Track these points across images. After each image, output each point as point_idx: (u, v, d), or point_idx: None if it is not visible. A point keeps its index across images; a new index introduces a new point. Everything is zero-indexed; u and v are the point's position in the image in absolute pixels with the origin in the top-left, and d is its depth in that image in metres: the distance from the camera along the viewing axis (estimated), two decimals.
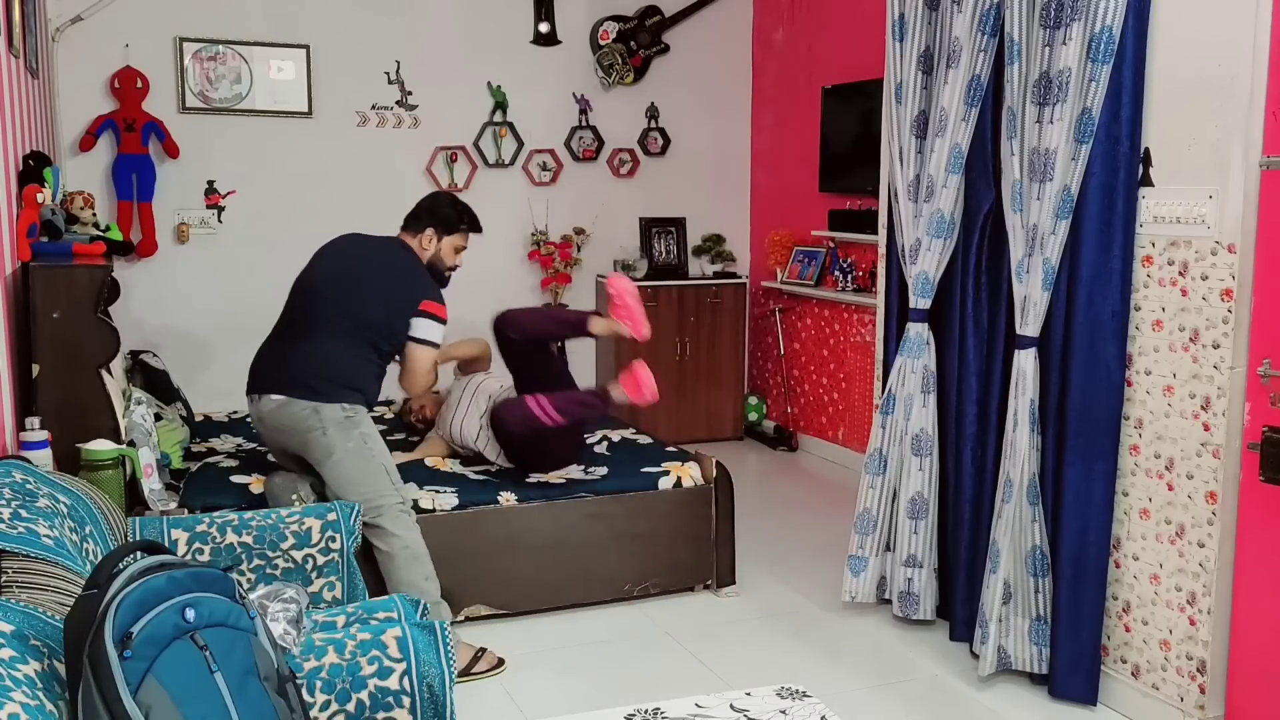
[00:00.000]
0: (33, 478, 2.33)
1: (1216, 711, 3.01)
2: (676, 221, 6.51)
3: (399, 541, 3.38)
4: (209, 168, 5.59)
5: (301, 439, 3.43)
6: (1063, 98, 3.09)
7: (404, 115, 5.94)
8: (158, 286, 5.52)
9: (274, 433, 3.54)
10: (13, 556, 1.96)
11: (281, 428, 3.47)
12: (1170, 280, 3.02)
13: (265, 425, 3.54)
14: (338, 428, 3.40)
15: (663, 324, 6.26)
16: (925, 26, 3.62)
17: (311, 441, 3.41)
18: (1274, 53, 2.76)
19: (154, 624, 1.59)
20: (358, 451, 3.40)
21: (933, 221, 3.56)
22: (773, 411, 6.62)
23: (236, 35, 5.56)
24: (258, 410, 3.53)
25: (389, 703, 2.05)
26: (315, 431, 3.39)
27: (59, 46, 5.24)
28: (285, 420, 3.44)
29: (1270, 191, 2.81)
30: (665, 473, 4.06)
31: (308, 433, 3.41)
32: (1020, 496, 3.29)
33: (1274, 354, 2.81)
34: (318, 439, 3.39)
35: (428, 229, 3.67)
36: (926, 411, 3.68)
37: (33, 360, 3.15)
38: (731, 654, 3.64)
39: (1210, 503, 2.95)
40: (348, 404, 3.43)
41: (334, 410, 3.40)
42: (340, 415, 3.41)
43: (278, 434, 3.52)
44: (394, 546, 3.37)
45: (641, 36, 6.37)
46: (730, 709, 1.85)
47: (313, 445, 3.41)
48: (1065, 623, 3.24)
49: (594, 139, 6.38)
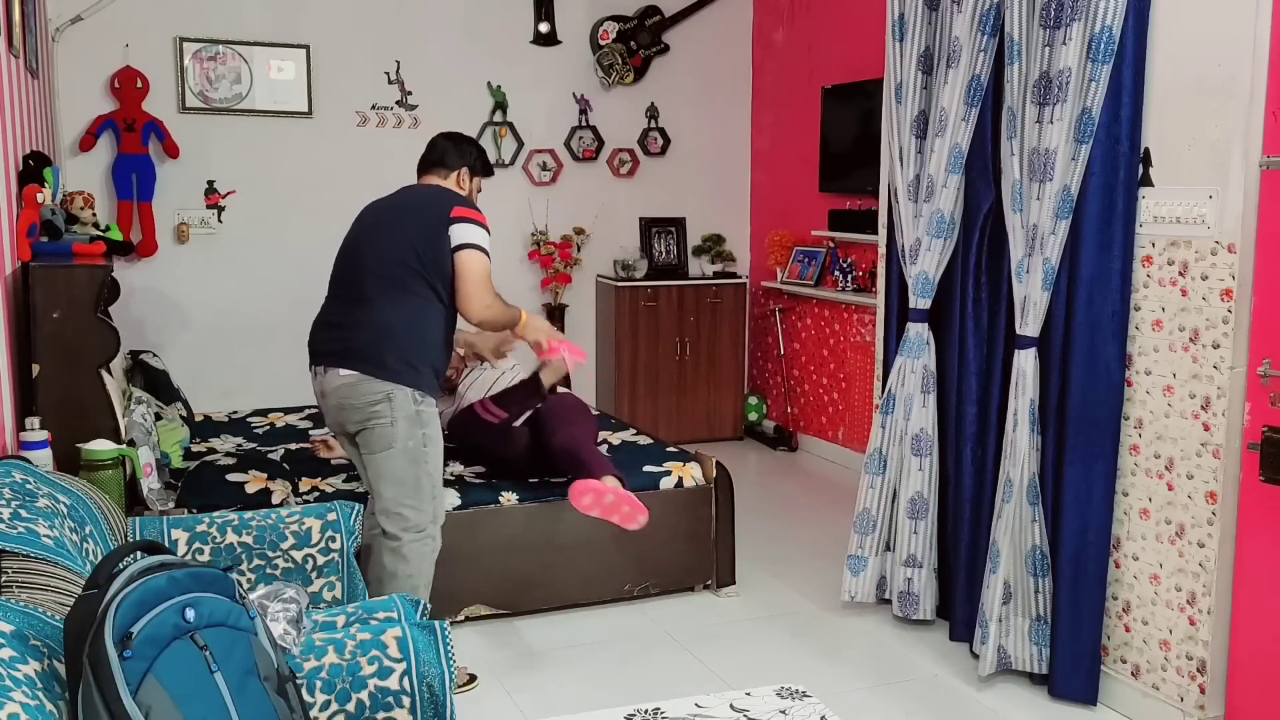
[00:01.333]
0: (33, 478, 2.33)
1: (1216, 711, 3.01)
2: (676, 221, 6.51)
3: (406, 569, 3.20)
4: (209, 168, 5.60)
5: (363, 420, 3.19)
6: (1063, 98, 3.09)
7: (404, 115, 5.94)
8: (158, 286, 5.52)
9: (335, 410, 3.28)
10: (13, 556, 1.96)
11: (345, 405, 3.22)
12: (1170, 280, 3.02)
13: (328, 400, 3.30)
14: (406, 421, 3.17)
15: (663, 324, 6.27)
16: (925, 26, 3.62)
17: (375, 427, 3.17)
18: (1274, 53, 2.76)
19: (154, 624, 1.59)
20: (414, 454, 3.20)
21: (933, 221, 3.56)
22: (773, 411, 6.62)
23: (236, 35, 5.56)
24: (321, 385, 3.28)
25: (389, 703, 2.05)
26: (383, 420, 3.16)
27: (59, 46, 5.24)
28: (352, 398, 3.19)
29: (1270, 191, 2.81)
30: (666, 473, 4.06)
31: (374, 418, 3.17)
32: (1020, 496, 3.29)
33: (1274, 354, 2.81)
34: (383, 428, 3.17)
35: (461, 169, 3.44)
36: (926, 411, 3.68)
37: (33, 360, 3.15)
38: (731, 654, 3.64)
39: (1210, 503, 2.95)
40: (420, 391, 3.19)
41: (406, 400, 3.16)
42: (412, 408, 3.17)
43: (338, 411, 3.27)
44: (399, 571, 3.19)
45: (641, 36, 6.37)
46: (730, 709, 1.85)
47: (374, 431, 3.18)
48: (1065, 623, 3.24)
49: (594, 139, 6.38)
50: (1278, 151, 2.78)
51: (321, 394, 3.31)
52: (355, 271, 3.29)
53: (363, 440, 3.22)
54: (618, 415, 5.92)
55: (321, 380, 3.27)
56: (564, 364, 3.65)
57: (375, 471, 3.21)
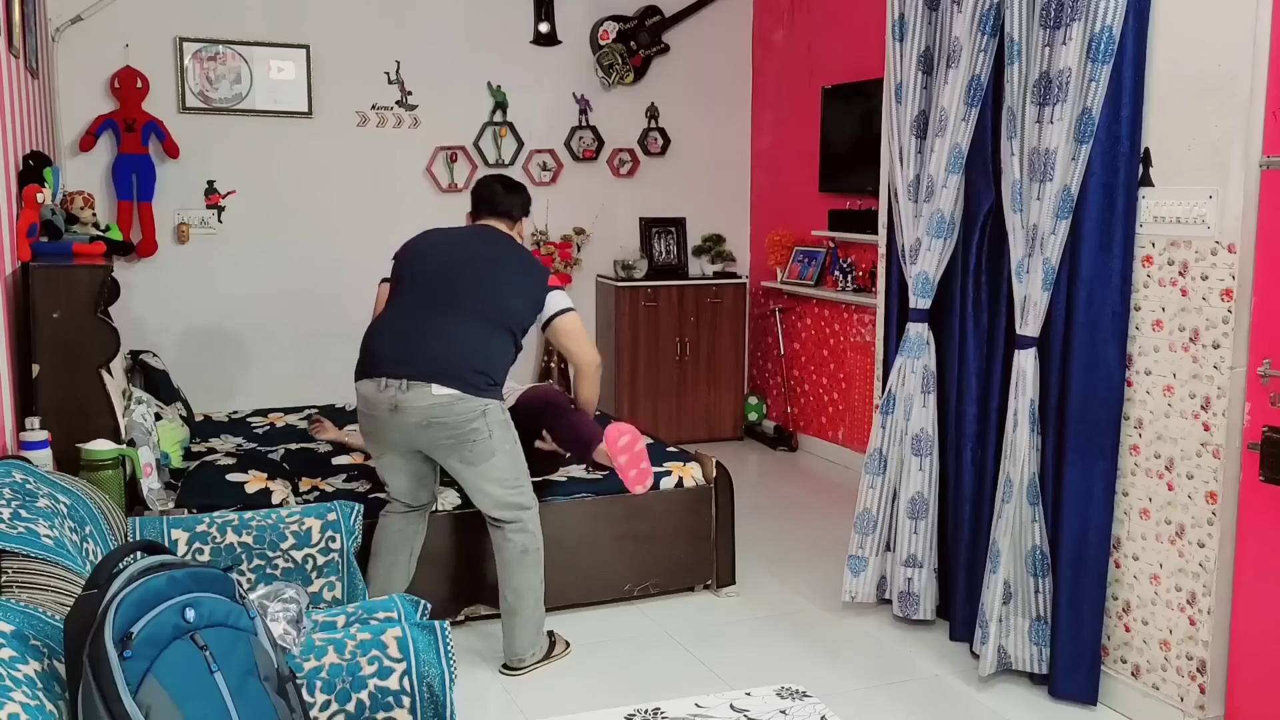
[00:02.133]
0: (33, 478, 2.33)
1: (1216, 711, 3.01)
2: (676, 221, 6.51)
3: (534, 542, 3.42)
4: (209, 168, 5.60)
5: (459, 436, 3.26)
6: (1063, 98, 3.09)
7: (404, 115, 5.94)
8: (158, 286, 5.52)
9: (414, 426, 3.27)
10: (13, 556, 1.96)
11: (436, 421, 3.24)
12: (1170, 280, 3.02)
13: (405, 416, 3.26)
14: (501, 428, 3.32)
15: (663, 324, 6.27)
16: (925, 26, 3.62)
17: (473, 443, 3.27)
18: (1274, 53, 2.76)
19: (154, 624, 1.59)
20: (512, 453, 3.37)
21: (933, 221, 3.56)
22: (773, 411, 6.62)
23: (236, 35, 5.56)
24: (397, 399, 3.25)
25: (389, 703, 2.05)
26: (480, 434, 3.27)
27: (59, 46, 5.24)
28: (446, 415, 3.23)
29: (1270, 191, 2.81)
30: (666, 473, 4.06)
31: (470, 434, 3.26)
32: (1020, 496, 3.29)
33: (1274, 354, 2.81)
34: (482, 441, 3.27)
35: (522, 220, 3.66)
36: (926, 411, 3.68)
37: (33, 360, 3.15)
38: (731, 654, 3.64)
39: (1210, 503, 2.95)
40: (502, 402, 3.37)
41: (497, 410, 3.32)
42: (501, 416, 3.34)
43: (421, 427, 3.27)
44: (529, 546, 3.40)
45: (641, 36, 6.37)
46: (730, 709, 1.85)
47: (473, 447, 3.27)
48: (1065, 623, 3.24)
49: (594, 139, 6.38)
50: (1278, 151, 2.78)
51: (395, 407, 3.26)
52: (450, 297, 3.36)
53: (454, 457, 3.31)
54: (618, 415, 5.91)
55: (399, 394, 3.24)
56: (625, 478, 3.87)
57: (479, 478, 3.34)
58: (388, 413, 3.27)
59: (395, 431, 3.31)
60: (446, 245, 3.51)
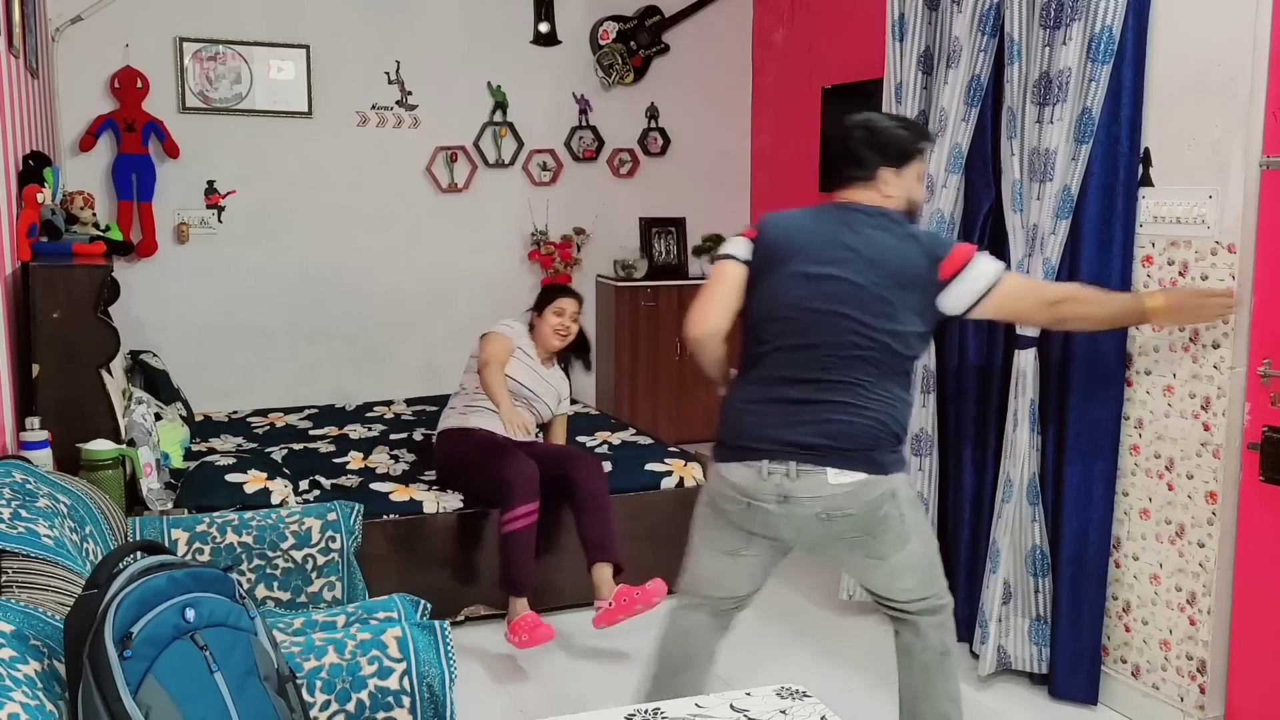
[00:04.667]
0: (33, 478, 2.33)
1: (1216, 711, 3.01)
2: (676, 221, 6.51)
3: (952, 639, 2.74)
4: (209, 168, 5.59)
5: (868, 527, 2.54)
6: (1062, 98, 3.09)
7: (404, 115, 5.94)
8: (158, 286, 5.52)
9: (811, 519, 2.53)
10: (13, 556, 1.96)
11: (840, 513, 2.51)
12: (1170, 280, 3.02)
13: (797, 507, 2.52)
14: (912, 506, 2.59)
15: (663, 324, 6.26)
16: (925, 26, 3.62)
17: (887, 529, 2.55)
18: (1274, 53, 2.77)
19: (154, 624, 1.59)
20: (926, 535, 2.66)
21: (933, 221, 3.56)
22: None
23: (236, 35, 5.55)
24: (785, 487, 2.51)
25: (389, 703, 2.05)
26: (893, 519, 2.54)
27: (59, 46, 5.23)
28: (852, 506, 2.50)
29: (1270, 191, 2.81)
30: (667, 472, 4.06)
31: (882, 520, 2.53)
32: (1020, 496, 3.29)
33: (1274, 354, 2.81)
34: (895, 526, 2.55)
35: (878, 171, 2.59)
36: (926, 411, 3.67)
37: (33, 360, 3.15)
38: (731, 654, 3.62)
39: (1210, 503, 2.95)
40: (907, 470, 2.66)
41: (905, 485, 2.59)
42: (910, 490, 2.62)
43: (821, 521, 2.53)
44: (949, 644, 2.71)
45: (641, 36, 6.37)
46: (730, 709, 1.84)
47: (887, 534, 2.56)
48: (1065, 623, 3.24)
49: (594, 139, 6.38)
50: (1278, 151, 2.78)
51: (784, 497, 2.52)
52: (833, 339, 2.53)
53: (864, 547, 2.60)
54: (618, 415, 5.91)
55: (788, 482, 2.51)
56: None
57: (892, 571, 2.63)
58: (779, 503, 2.54)
59: (774, 527, 2.59)
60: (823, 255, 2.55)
